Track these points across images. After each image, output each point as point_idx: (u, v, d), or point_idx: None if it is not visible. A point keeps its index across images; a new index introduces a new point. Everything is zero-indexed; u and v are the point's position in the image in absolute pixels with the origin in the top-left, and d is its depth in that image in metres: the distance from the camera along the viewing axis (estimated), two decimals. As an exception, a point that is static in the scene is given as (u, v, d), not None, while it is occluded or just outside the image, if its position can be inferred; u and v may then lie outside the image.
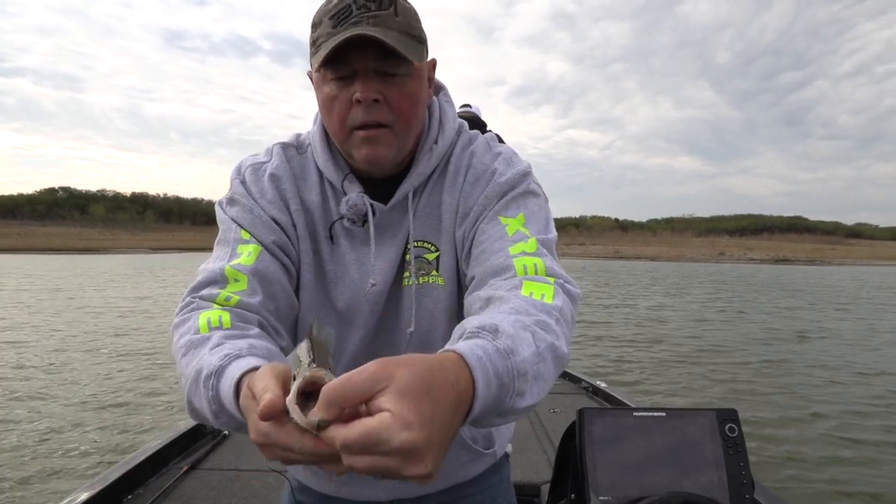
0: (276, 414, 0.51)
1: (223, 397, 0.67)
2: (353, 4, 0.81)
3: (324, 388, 0.47)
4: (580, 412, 1.20)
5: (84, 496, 1.85)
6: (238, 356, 0.70)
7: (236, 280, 0.86)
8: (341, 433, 0.46)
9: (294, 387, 0.51)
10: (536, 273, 0.80)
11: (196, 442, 2.66)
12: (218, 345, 0.73)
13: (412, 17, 0.87)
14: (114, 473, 2.04)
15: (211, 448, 2.55)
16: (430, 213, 0.99)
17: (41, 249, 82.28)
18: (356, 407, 0.47)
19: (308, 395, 0.51)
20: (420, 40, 0.88)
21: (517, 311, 0.71)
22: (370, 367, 0.47)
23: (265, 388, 0.53)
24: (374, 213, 0.96)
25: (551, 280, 0.79)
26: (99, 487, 1.92)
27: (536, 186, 0.98)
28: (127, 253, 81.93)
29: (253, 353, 0.71)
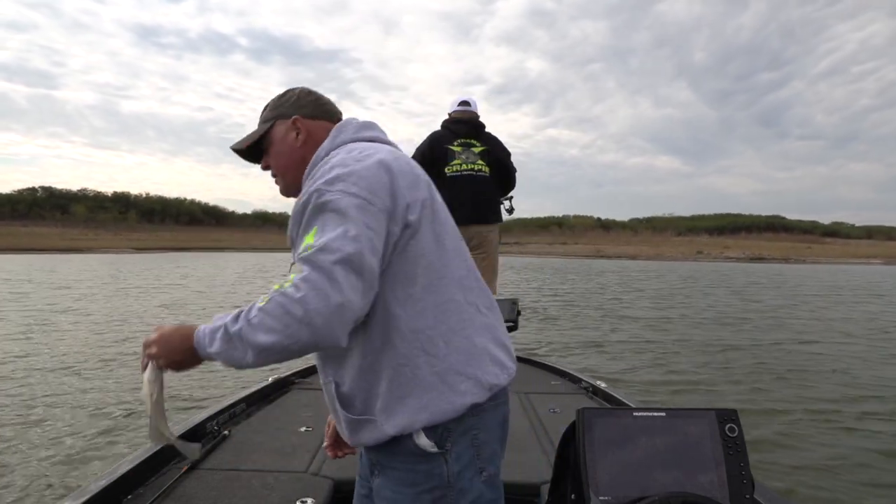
0: None
1: None
2: None
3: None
4: (580, 412, 1.21)
5: (83, 496, 1.82)
6: None
7: None
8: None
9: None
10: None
11: (196, 442, 2.61)
12: None
13: (262, 112, 1.39)
14: (113, 473, 2.02)
15: (211, 448, 2.51)
16: None
17: (23, 249, 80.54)
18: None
19: None
20: (264, 121, 1.35)
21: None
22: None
23: None
24: None
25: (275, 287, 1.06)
26: (98, 487, 1.90)
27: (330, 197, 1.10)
28: (109, 252, 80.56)
29: None
